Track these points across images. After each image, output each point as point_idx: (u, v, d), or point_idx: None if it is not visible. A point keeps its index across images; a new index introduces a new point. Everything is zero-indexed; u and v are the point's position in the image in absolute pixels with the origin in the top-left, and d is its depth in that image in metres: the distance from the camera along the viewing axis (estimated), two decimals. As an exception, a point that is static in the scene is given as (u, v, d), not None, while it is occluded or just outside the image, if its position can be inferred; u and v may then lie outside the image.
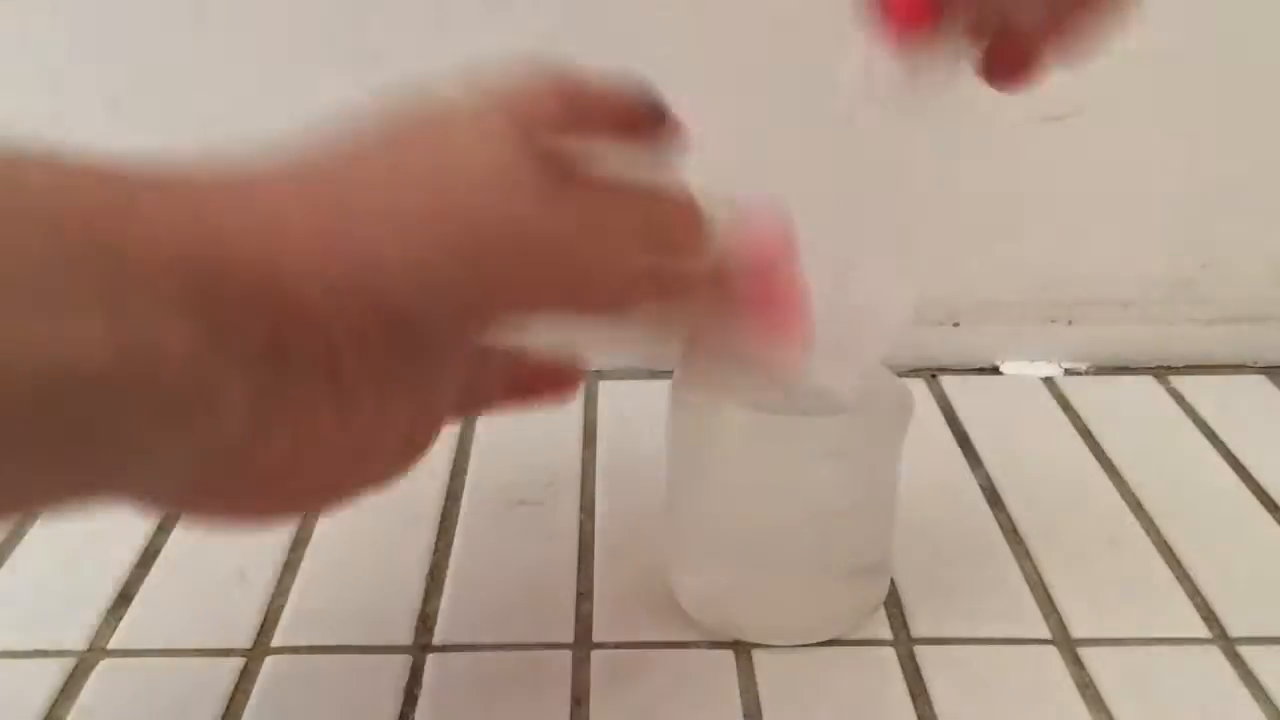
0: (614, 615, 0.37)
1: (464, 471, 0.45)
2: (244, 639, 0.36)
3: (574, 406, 0.49)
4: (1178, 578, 0.39)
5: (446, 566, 0.39)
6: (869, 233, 0.32)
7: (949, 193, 0.50)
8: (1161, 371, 0.53)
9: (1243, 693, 0.34)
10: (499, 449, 0.46)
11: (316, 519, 0.42)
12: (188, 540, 0.41)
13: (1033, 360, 0.53)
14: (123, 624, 0.37)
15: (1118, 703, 0.34)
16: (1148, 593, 0.39)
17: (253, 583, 0.39)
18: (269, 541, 0.41)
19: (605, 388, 0.51)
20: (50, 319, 0.20)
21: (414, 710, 0.33)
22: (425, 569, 0.39)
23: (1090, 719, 0.33)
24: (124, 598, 0.39)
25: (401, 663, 0.35)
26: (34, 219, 0.21)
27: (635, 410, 0.49)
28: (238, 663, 0.35)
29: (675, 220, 0.28)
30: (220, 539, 0.41)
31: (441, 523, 0.42)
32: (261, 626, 0.37)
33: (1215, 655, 0.36)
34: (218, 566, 0.40)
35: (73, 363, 0.20)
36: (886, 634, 0.36)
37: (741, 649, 0.36)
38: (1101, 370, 0.53)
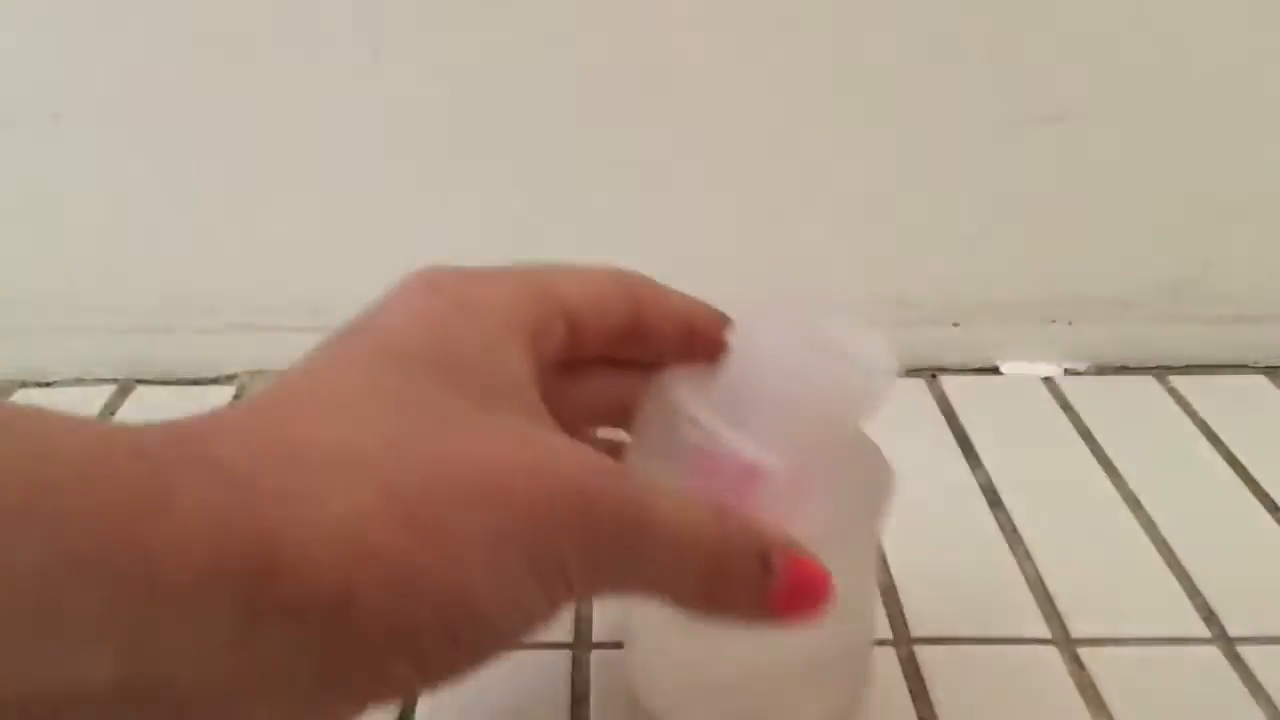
0: (614, 615, 0.37)
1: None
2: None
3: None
4: (1178, 578, 0.39)
5: (446, 566, 0.39)
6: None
7: (949, 193, 0.50)
8: (1161, 371, 0.53)
9: (1243, 693, 0.34)
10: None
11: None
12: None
13: (1033, 360, 0.53)
14: (123, 624, 0.37)
15: (1118, 703, 0.34)
16: (1148, 593, 0.39)
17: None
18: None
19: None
20: (47, 647, 0.16)
21: (415, 710, 0.33)
22: (425, 569, 0.39)
23: (1090, 719, 0.33)
24: (124, 598, 0.39)
25: (401, 663, 0.35)
26: (48, 511, 0.16)
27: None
28: (238, 663, 0.35)
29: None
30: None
31: (441, 523, 0.42)
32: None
33: (1215, 655, 0.36)
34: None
35: (71, 697, 0.17)
36: (886, 634, 0.36)
37: (741, 649, 0.36)
38: (1101, 370, 0.53)
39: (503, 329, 0.25)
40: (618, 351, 0.29)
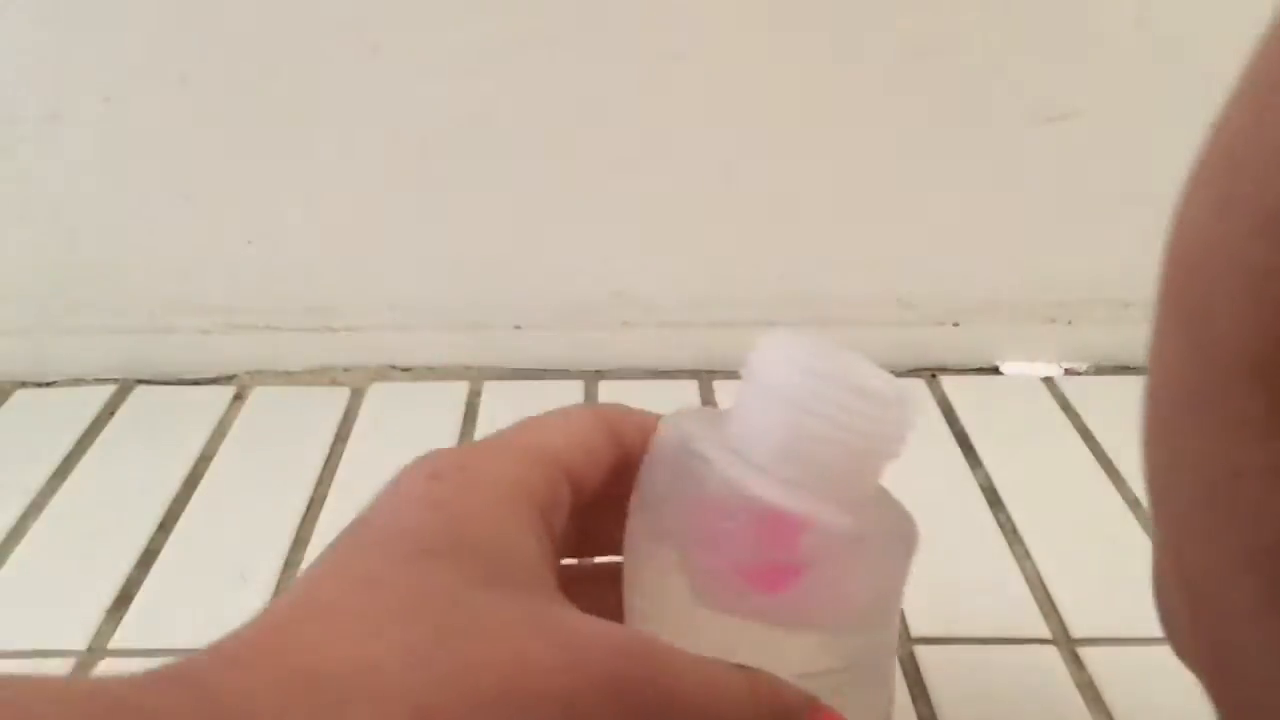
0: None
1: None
2: (244, 639, 0.36)
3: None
4: (1178, 578, 0.39)
5: (446, 566, 0.39)
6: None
7: (949, 193, 0.50)
8: (1161, 371, 0.53)
9: (1243, 693, 0.34)
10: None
11: (316, 518, 0.42)
12: (188, 540, 0.41)
13: (1033, 360, 0.53)
14: (123, 624, 0.37)
15: (1118, 703, 0.34)
16: (1147, 593, 0.38)
17: (253, 583, 0.39)
18: (269, 541, 0.41)
19: (605, 387, 0.51)
20: None
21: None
22: (425, 569, 0.39)
23: (1090, 719, 0.33)
24: (124, 598, 0.39)
25: (401, 663, 0.35)
26: None
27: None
28: (238, 663, 0.35)
29: None
30: (220, 539, 0.41)
31: (441, 523, 0.42)
32: (261, 626, 0.37)
33: (1215, 655, 0.36)
34: (218, 566, 0.40)
35: None
36: (886, 634, 0.36)
37: (741, 649, 0.36)
38: (1101, 370, 0.53)
39: (509, 504, 0.24)
40: (612, 490, 0.27)
